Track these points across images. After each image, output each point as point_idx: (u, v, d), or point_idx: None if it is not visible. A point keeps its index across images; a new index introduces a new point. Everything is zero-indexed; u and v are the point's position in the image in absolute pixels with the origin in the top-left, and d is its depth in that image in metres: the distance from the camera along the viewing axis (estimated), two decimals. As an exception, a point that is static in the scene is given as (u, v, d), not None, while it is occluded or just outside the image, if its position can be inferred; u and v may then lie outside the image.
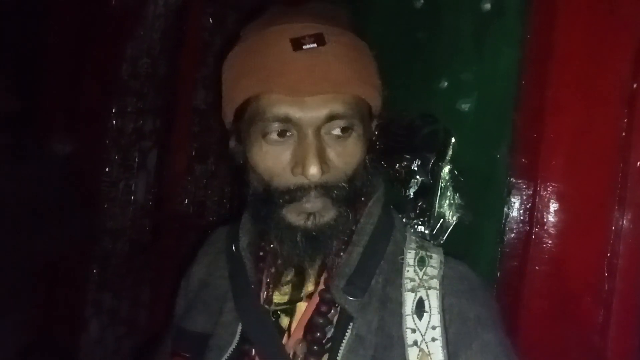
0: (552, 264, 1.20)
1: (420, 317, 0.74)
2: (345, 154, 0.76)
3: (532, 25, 1.22)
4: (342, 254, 0.80)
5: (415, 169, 1.26)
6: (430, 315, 0.75)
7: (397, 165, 1.27)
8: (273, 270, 0.84)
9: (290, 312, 0.82)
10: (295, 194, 0.74)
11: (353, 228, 0.81)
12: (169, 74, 2.44)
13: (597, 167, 1.19)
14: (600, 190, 1.18)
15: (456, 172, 1.22)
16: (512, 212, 1.20)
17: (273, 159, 0.75)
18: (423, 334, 0.73)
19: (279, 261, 0.83)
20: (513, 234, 1.23)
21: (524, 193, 1.21)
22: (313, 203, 0.75)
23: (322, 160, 0.73)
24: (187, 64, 2.31)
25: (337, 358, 0.74)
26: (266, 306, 0.83)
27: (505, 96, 1.22)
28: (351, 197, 0.77)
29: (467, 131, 1.25)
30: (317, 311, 0.78)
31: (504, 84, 1.22)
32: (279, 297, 0.83)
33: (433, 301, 0.75)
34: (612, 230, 1.16)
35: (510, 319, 1.22)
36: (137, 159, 2.50)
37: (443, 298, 0.77)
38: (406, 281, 0.78)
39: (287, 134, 0.74)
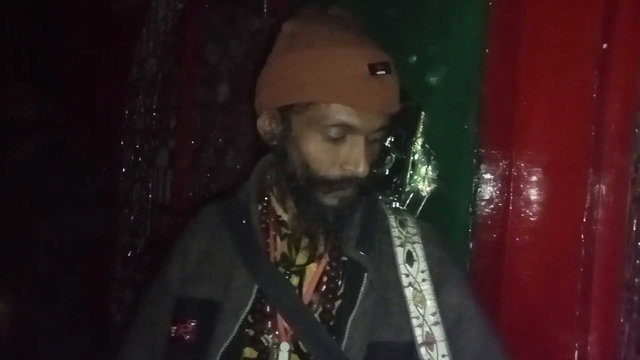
0: (531, 234, 1.18)
1: (411, 264, 0.97)
2: (373, 154, 0.95)
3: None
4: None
5: (389, 146, 1.26)
6: (418, 263, 0.98)
7: (371, 143, 1.27)
8: (278, 238, 1.01)
9: (300, 273, 0.98)
10: (339, 184, 0.92)
11: None
12: (172, 73, 2.49)
13: (572, 133, 1.16)
14: (576, 155, 1.15)
15: (427, 146, 1.22)
16: (483, 183, 1.19)
17: (327, 153, 0.91)
18: (415, 277, 0.96)
19: (289, 231, 1.00)
20: (491, 205, 1.21)
21: (499, 163, 1.20)
22: (348, 191, 0.92)
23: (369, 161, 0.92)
24: (189, 61, 2.36)
25: (357, 301, 0.94)
26: (280, 269, 0.98)
27: (471, 67, 1.20)
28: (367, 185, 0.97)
29: (436, 105, 1.25)
30: (330, 267, 0.97)
31: (470, 55, 1.21)
32: (300, 259, 0.99)
33: (419, 252, 0.99)
34: (588, 196, 1.14)
35: (491, 290, 1.21)
36: (148, 158, 2.57)
37: (425, 248, 0.99)
38: (395, 239, 1.00)
39: (344, 135, 0.90)
